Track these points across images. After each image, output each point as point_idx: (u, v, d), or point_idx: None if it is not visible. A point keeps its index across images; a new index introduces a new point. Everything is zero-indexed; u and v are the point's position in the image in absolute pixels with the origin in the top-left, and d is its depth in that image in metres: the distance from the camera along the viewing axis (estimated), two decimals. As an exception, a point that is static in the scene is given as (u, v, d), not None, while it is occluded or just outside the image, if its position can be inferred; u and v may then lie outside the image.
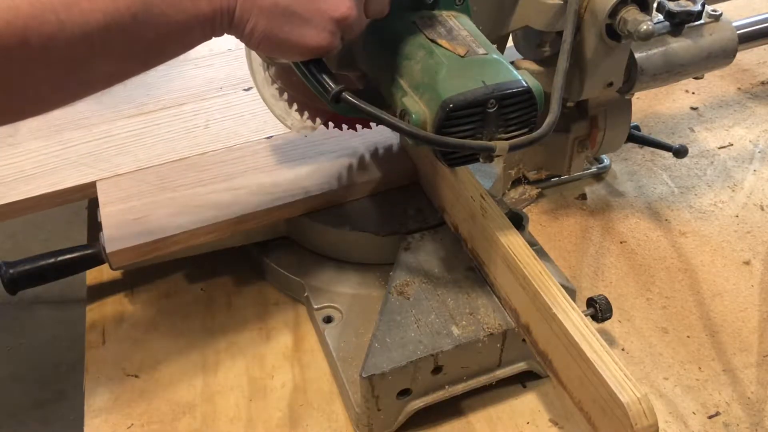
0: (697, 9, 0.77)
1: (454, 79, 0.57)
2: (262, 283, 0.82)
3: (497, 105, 0.56)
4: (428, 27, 0.62)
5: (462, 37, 0.61)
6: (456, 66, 0.58)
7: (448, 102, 0.55)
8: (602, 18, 0.69)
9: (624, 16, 0.68)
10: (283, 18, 0.54)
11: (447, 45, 0.60)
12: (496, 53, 0.61)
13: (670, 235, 0.86)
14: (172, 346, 0.76)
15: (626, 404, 0.51)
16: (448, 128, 0.56)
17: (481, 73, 0.57)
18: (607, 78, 0.75)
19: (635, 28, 0.67)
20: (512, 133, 0.58)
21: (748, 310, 0.77)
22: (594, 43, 0.71)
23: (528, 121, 0.59)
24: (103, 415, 0.70)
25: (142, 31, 0.51)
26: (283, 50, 0.57)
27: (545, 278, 0.60)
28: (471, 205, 0.68)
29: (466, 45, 0.60)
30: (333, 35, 0.56)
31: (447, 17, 0.63)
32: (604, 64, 0.74)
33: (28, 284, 0.77)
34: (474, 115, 0.56)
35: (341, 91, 0.58)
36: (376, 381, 0.62)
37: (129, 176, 0.80)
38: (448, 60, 0.58)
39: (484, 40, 0.62)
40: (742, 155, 0.98)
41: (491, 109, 0.56)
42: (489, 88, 0.56)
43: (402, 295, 0.68)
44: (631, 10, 0.68)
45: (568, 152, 0.85)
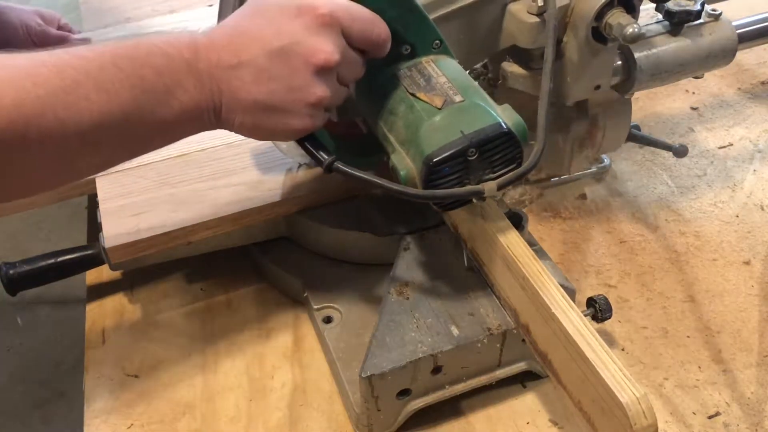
0: (697, 8, 0.77)
1: (434, 132, 0.59)
2: (262, 283, 0.82)
3: (477, 152, 0.58)
4: (407, 78, 0.63)
5: (440, 86, 0.61)
6: (435, 119, 0.59)
7: (430, 158, 0.57)
8: (588, 21, 0.68)
9: (609, 21, 0.68)
10: (266, 112, 0.57)
11: (425, 97, 0.61)
12: (475, 94, 0.61)
13: (670, 235, 0.86)
14: (172, 346, 0.76)
15: (625, 404, 0.51)
16: (435, 181, 0.58)
17: (459, 122, 0.59)
18: (595, 81, 0.75)
19: (621, 31, 0.67)
20: (499, 171, 0.60)
21: (748, 310, 0.77)
22: (580, 46, 0.71)
23: (513, 158, 0.60)
24: (103, 415, 0.70)
25: (133, 128, 0.54)
26: (272, 137, 0.62)
27: (545, 278, 0.60)
28: (471, 205, 0.68)
29: (443, 94, 0.60)
30: (313, 117, 0.59)
31: (426, 64, 0.64)
32: (591, 67, 0.73)
33: (28, 285, 0.77)
34: (457, 164, 0.58)
35: (333, 162, 0.61)
36: (376, 381, 0.62)
37: (128, 173, 0.80)
38: (426, 114, 0.60)
39: (463, 81, 0.62)
40: (742, 155, 0.98)
41: (472, 156, 0.58)
42: (467, 138, 0.58)
43: (402, 296, 0.68)
44: (617, 13, 0.68)
45: (568, 152, 0.85)
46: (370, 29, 0.59)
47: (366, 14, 0.59)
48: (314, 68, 0.56)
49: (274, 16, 0.57)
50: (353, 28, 0.58)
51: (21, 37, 1.06)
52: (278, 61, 0.56)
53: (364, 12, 0.59)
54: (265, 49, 0.56)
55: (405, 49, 0.64)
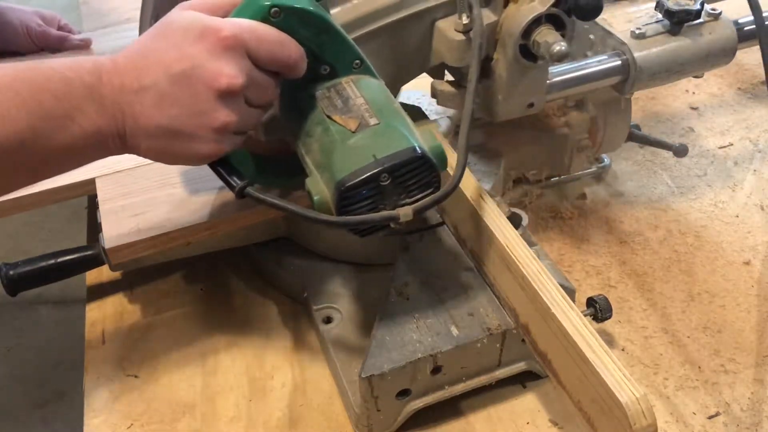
0: (696, 8, 0.77)
1: (347, 157, 0.57)
2: (262, 283, 0.82)
3: (391, 177, 0.56)
4: (325, 99, 0.61)
5: (356, 107, 0.60)
6: (348, 143, 0.58)
7: (341, 183, 0.56)
8: (515, 38, 0.66)
9: (537, 38, 0.66)
10: (170, 137, 0.56)
11: (340, 120, 0.59)
12: (393, 117, 0.60)
13: (670, 235, 0.86)
14: (172, 346, 0.76)
15: (625, 404, 0.51)
16: (347, 207, 0.57)
17: (372, 146, 0.57)
18: (527, 99, 0.72)
19: (548, 49, 0.65)
20: (416, 196, 0.58)
21: (748, 310, 0.77)
22: (509, 64, 0.69)
23: (430, 182, 0.59)
24: (103, 415, 0.70)
25: (30, 154, 0.54)
26: (179, 162, 0.60)
27: (544, 278, 0.60)
28: (471, 205, 0.68)
29: (358, 117, 0.59)
30: (220, 142, 0.57)
31: (345, 84, 0.62)
32: (522, 85, 0.71)
33: (29, 285, 0.77)
34: (370, 190, 0.57)
35: (245, 187, 0.59)
36: (376, 381, 0.62)
37: (128, 173, 0.80)
38: (341, 137, 0.58)
39: (382, 102, 0.61)
40: (742, 155, 0.98)
41: (385, 182, 0.56)
42: (379, 163, 0.56)
43: (401, 296, 0.68)
44: (544, 31, 0.66)
45: (568, 152, 0.85)
46: (278, 51, 0.57)
47: (274, 35, 0.57)
48: (217, 92, 0.55)
49: (177, 39, 0.55)
50: (260, 50, 0.56)
51: (21, 37, 1.06)
52: (180, 85, 0.55)
53: (272, 33, 0.57)
54: (168, 74, 0.55)
55: (324, 70, 0.62)
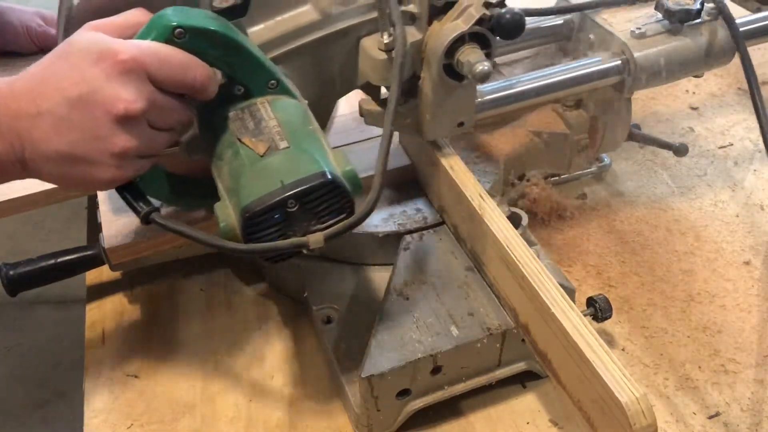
0: (696, 7, 0.77)
1: (254, 182, 0.56)
2: (262, 283, 0.82)
3: (298, 203, 0.55)
4: (237, 121, 0.60)
5: (268, 130, 0.58)
6: (256, 167, 0.56)
7: (246, 210, 0.54)
8: (439, 58, 0.65)
9: (460, 57, 0.64)
10: (69, 163, 0.55)
11: (249, 143, 0.58)
12: (305, 140, 0.58)
13: (670, 234, 0.86)
14: (172, 346, 0.76)
15: (625, 404, 0.51)
16: (254, 234, 0.55)
17: (280, 171, 0.56)
18: (455, 118, 0.71)
19: (470, 69, 0.63)
20: (328, 221, 0.57)
21: (748, 310, 0.77)
22: (434, 83, 0.67)
23: (343, 207, 0.57)
24: (103, 415, 0.70)
25: None
26: (82, 188, 0.59)
27: (544, 278, 0.60)
28: (470, 205, 0.68)
29: (268, 140, 0.58)
30: (122, 167, 0.56)
31: (260, 105, 0.61)
32: (449, 104, 0.69)
33: (28, 285, 0.77)
34: (276, 217, 0.55)
35: (150, 212, 0.58)
36: (376, 381, 0.62)
37: None
38: (249, 161, 0.57)
39: (296, 125, 0.60)
40: (742, 155, 0.98)
41: (293, 208, 0.55)
42: (286, 189, 0.54)
43: (401, 296, 0.68)
44: (467, 50, 0.64)
45: (568, 152, 0.85)
46: (182, 73, 0.56)
47: (178, 57, 0.56)
48: (115, 117, 0.54)
49: (76, 62, 0.54)
50: (162, 73, 0.55)
51: (22, 38, 1.06)
52: (78, 110, 0.54)
53: (176, 55, 0.56)
54: (65, 98, 0.53)
55: (237, 90, 0.61)
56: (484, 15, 0.63)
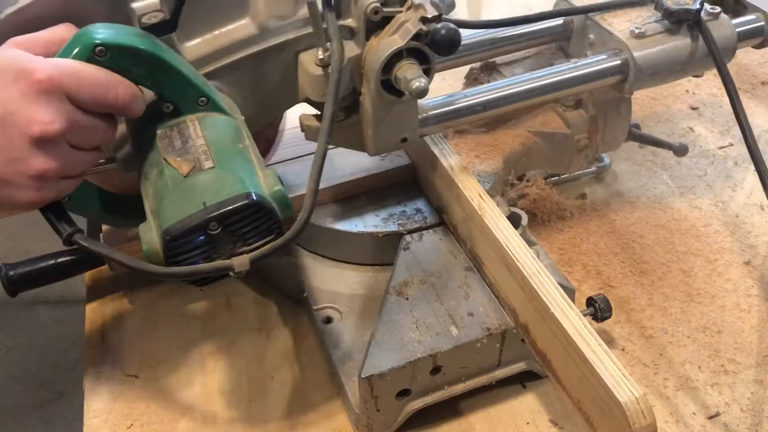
0: (696, 7, 0.77)
1: (176, 203, 0.54)
2: (262, 283, 0.82)
3: (220, 225, 0.53)
4: (165, 139, 0.59)
5: (195, 149, 0.57)
6: (179, 187, 0.55)
7: (167, 233, 0.53)
8: (377, 73, 0.63)
9: (397, 73, 0.63)
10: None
11: (174, 162, 0.56)
12: (232, 159, 0.57)
13: (669, 235, 0.86)
14: (172, 346, 0.76)
15: (624, 404, 0.51)
16: (176, 257, 0.54)
17: (203, 192, 0.54)
18: (397, 134, 0.69)
19: (407, 86, 0.61)
20: (255, 243, 0.55)
21: (748, 310, 0.77)
22: (374, 99, 0.65)
23: (270, 229, 0.56)
24: (103, 415, 0.70)
25: None
26: (2, 211, 0.58)
27: (543, 278, 0.60)
28: (470, 205, 0.68)
29: (193, 159, 0.56)
30: (42, 189, 0.55)
31: (189, 123, 0.59)
32: (390, 120, 0.68)
33: (29, 285, 0.77)
34: (198, 239, 0.53)
35: (72, 234, 0.57)
36: (375, 381, 0.62)
37: None
38: (173, 181, 0.55)
39: (223, 143, 0.58)
40: (742, 155, 0.98)
41: (215, 230, 0.53)
42: (208, 211, 0.53)
43: (401, 296, 0.68)
44: (405, 66, 0.62)
45: (567, 151, 0.85)
46: (103, 92, 0.55)
47: (99, 76, 0.55)
48: (31, 139, 0.52)
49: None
50: (82, 93, 0.54)
51: None
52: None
53: (97, 74, 0.55)
54: None
55: (166, 108, 0.59)
56: (420, 30, 0.61)
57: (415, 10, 0.61)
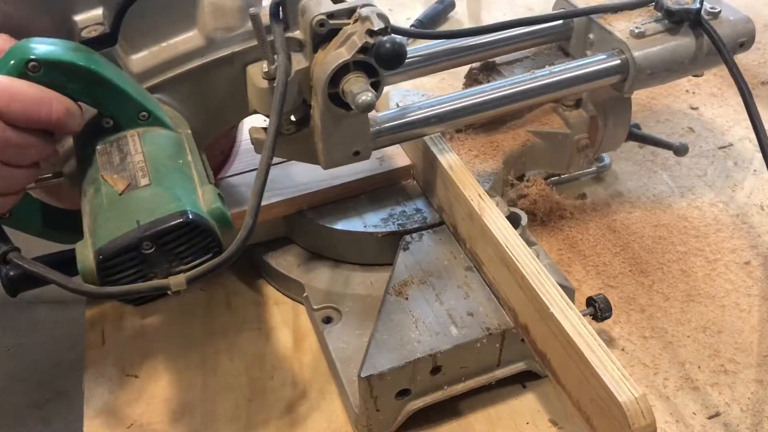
0: (696, 7, 0.77)
1: (110, 222, 0.53)
2: (262, 283, 0.82)
3: (154, 245, 0.52)
4: (104, 155, 0.57)
5: (132, 165, 0.56)
6: (114, 206, 0.54)
7: (98, 252, 0.52)
8: (323, 87, 0.62)
9: (344, 87, 0.62)
10: None
11: (110, 179, 0.55)
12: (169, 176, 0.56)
13: (669, 234, 0.86)
14: (172, 346, 0.76)
15: (624, 404, 0.51)
16: (110, 276, 0.53)
17: (138, 211, 0.53)
18: (350, 147, 0.68)
19: (353, 99, 0.60)
20: (192, 262, 0.54)
21: (748, 310, 0.77)
22: (322, 112, 0.65)
23: (208, 247, 0.55)
24: (103, 415, 0.70)
25: None
26: None
27: (543, 278, 0.60)
28: (470, 205, 0.68)
29: (130, 177, 0.55)
30: None
31: (129, 138, 0.58)
32: (340, 133, 0.67)
33: (29, 285, 0.77)
34: (132, 259, 0.52)
35: (8, 252, 0.55)
36: (375, 381, 0.62)
37: None
38: (108, 199, 0.55)
39: (161, 160, 0.57)
40: (742, 155, 0.98)
41: (149, 250, 0.52)
42: (141, 230, 0.52)
43: (401, 296, 0.68)
44: (351, 79, 0.61)
45: (567, 151, 0.85)
46: (35, 109, 0.53)
47: (31, 93, 0.53)
48: None
49: None
50: (12, 110, 0.52)
51: None
52: None
53: (28, 91, 0.53)
54: None
55: (107, 123, 0.58)
56: (366, 43, 0.60)
57: (362, 22, 0.60)
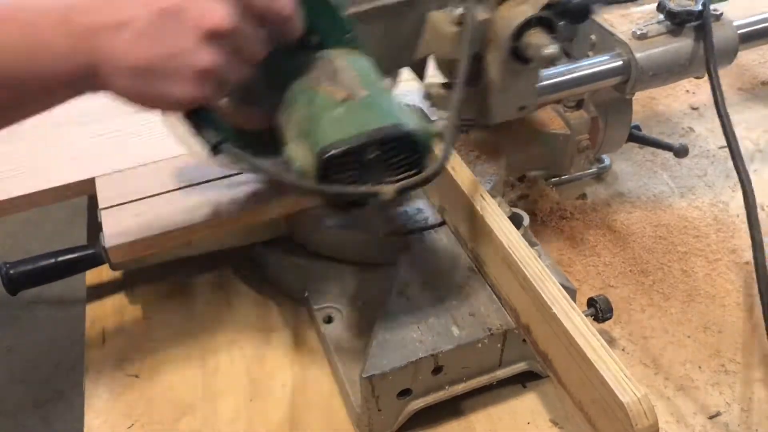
0: (698, 9, 0.77)
1: (333, 126, 0.56)
2: (263, 282, 0.82)
3: (377, 151, 0.55)
4: (312, 70, 0.60)
5: (347, 79, 0.58)
6: (336, 112, 0.56)
7: (325, 151, 0.54)
8: (507, 40, 0.65)
9: (527, 40, 0.65)
10: (148, 77, 0.53)
11: (328, 89, 0.58)
12: (383, 93, 0.59)
13: (670, 235, 0.86)
14: (172, 347, 0.76)
15: (626, 404, 0.51)
16: (329, 177, 0.55)
17: (360, 119, 0.56)
18: (519, 102, 0.71)
19: (538, 52, 0.63)
20: (400, 175, 0.57)
21: (748, 310, 0.77)
22: (500, 66, 0.67)
23: (415, 163, 0.57)
24: (103, 415, 0.70)
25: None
26: (155, 107, 0.56)
27: (545, 278, 0.60)
28: (472, 205, 0.68)
29: (348, 88, 0.57)
30: (201, 87, 0.54)
31: (334, 57, 0.61)
32: (514, 88, 0.70)
33: (29, 284, 0.77)
34: (353, 162, 0.55)
35: (220, 143, 0.57)
36: (377, 381, 0.62)
37: (128, 173, 0.80)
38: (327, 106, 0.57)
39: (372, 78, 0.60)
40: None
41: (371, 155, 0.55)
42: (367, 135, 0.54)
43: (402, 296, 0.68)
44: (536, 33, 0.65)
45: (568, 152, 0.85)
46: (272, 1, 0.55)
47: None
48: (204, 32, 0.51)
49: None
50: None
51: None
52: (164, 21, 0.51)
53: None
54: (150, 9, 0.51)
55: (313, 39, 0.61)
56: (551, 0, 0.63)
57: None
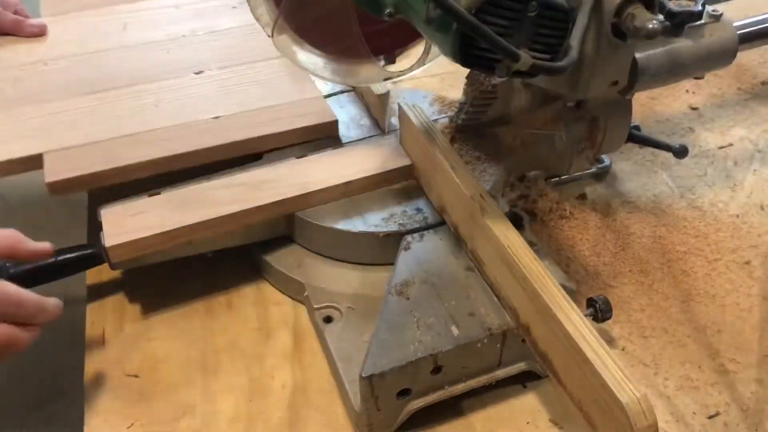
0: (698, 9, 0.77)
1: None
2: (262, 282, 0.82)
3: (537, 11, 0.56)
4: None
5: None
6: None
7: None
8: (609, 16, 0.67)
9: (632, 12, 0.66)
10: None
11: None
12: None
13: (669, 235, 0.86)
14: (172, 346, 0.76)
15: (625, 404, 0.51)
16: (484, 15, 0.55)
17: None
18: (612, 77, 0.73)
19: (642, 25, 0.65)
20: (538, 53, 0.58)
21: (748, 310, 0.77)
22: (599, 41, 0.69)
23: (554, 46, 0.59)
24: (103, 415, 0.70)
25: None
26: None
27: (545, 278, 0.60)
28: (471, 205, 0.68)
29: None
30: None
31: None
32: (610, 63, 0.72)
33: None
34: (513, 11, 0.56)
35: None
36: (376, 381, 0.62)
37: (77, 149, 0.81)
38: None
39: None
40: (742, 155, 0.98)
41: (532, 12, 0.56)
42: None
43: (402, 296, 0.68)
44: (639, 9, 0.66)
45: (568, 152, 0.85)
46: None
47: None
48: None
49: None
50: None
51: None
52: None
53: None
54: None
55: None
56: None
57: None
